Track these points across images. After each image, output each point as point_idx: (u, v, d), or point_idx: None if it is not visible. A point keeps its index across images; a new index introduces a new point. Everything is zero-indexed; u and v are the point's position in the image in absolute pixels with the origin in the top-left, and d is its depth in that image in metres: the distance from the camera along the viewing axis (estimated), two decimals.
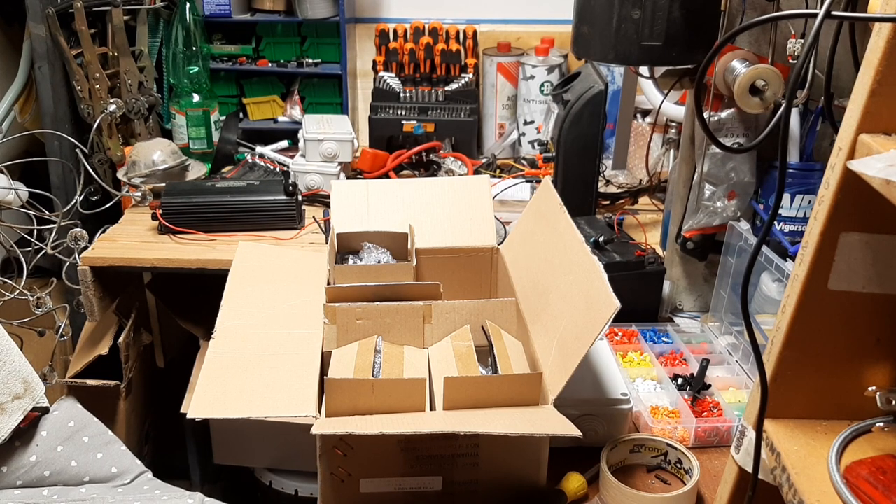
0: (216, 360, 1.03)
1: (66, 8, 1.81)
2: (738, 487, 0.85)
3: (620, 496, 1.02)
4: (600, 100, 1.56)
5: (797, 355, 0.78)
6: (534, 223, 1.23)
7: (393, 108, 2.05)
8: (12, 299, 1.73)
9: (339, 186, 1.39)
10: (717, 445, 1.15)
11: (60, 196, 1.85)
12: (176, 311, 1.82)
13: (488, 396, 0.96)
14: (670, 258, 1.50)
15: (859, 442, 0.78)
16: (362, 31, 2.23)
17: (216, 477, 1.95)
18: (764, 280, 1.26)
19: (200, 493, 1.30)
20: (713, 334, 1.38)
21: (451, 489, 1.00)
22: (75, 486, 1.28)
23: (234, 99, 2.26)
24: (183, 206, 1.67)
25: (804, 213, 1.27)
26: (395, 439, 0.96)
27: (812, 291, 0.75)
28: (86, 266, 1.59)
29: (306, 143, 1.85)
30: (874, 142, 0.66)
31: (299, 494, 1.78)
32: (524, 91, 2.12)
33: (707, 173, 1.35)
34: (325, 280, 1.21)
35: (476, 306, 1.13)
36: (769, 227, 0.93)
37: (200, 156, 2.07)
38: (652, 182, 1.88)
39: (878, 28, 0.66)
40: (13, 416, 1.22)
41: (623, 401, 1.11)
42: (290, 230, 1.70)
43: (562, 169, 1.62)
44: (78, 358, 1.76)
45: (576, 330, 0.97)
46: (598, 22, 1.33)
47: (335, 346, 1.09)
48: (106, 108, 1.88)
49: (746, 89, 1.23)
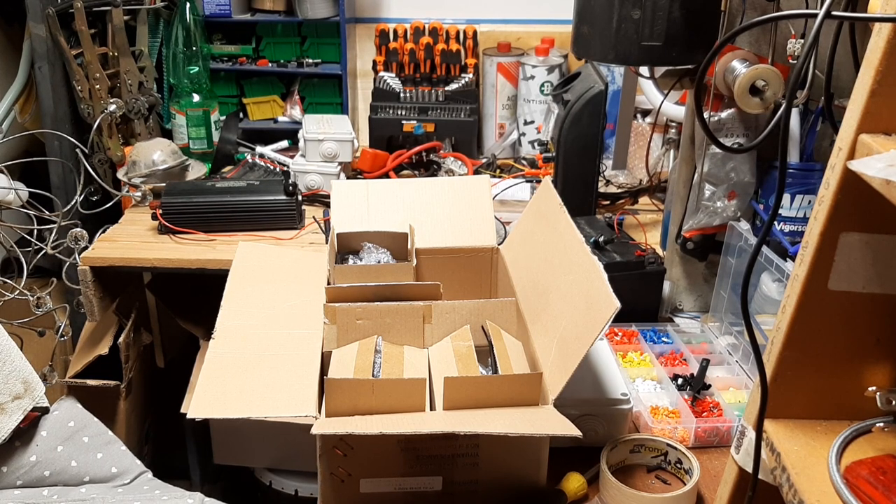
0: (216, 360, 1.03)
1: (66, 8, 1.81)
2: (738, 487, 0.85)
3: (620, 496, 1.02)
4: (600, 100, 1.56)
5: (797, 355, 0.78)
6: (534, 223, 1.23)
7: (393, 108, 2.05)
8: (12, 299, 1.73)
9: (339, 186, 1.39)
10: (717, 445, 1.15)
11: (60, 196, 1.85)
12: (176, 311, 1.82)
13: (488, 396, 0.96)
14: (670, 258, 1.50)
15: (859, 442, 0.78)
16: (362, 31, 2.23)
17: (216, 477, 1.95)
18: (764, 280, 1.26)
19: (200, 493, 1.30)
20: (713, 334, 1.38)
21: (451, 489, 1.00)
22: (75, 486, 1.28)
23: (234, 99, 2.26)
24: (183, 206, 1.67)
25: (804, 213, 1.27)
26: (395, 439, 0.96)
27: (812, 291, 0.75)
28: (86, 266, 1.59)
29: (306, 143, 1.85)
30: (874, 142, 0.66)
31: (299, 494, 1.78)
32: (524, 91, 2.12)
33: (707, 173, 1.35)
34: (325, 280, 1.21)
35: (476, 306, 1.13)
36: (769, 227, 0.93)
37: (200, 156, 2.07)
38: (652, 182, 1.88)
39: (878, 28, 0.66)
40: (13, 416, 1.22)
41: (623, 401, 1.11)
42: (290, 230, 1.70)
43: (562, 169, 1.62)
44: (78, 358, 1.76)
45: (576, 330, 0.97)
46: (598, 22, 1.33)
47: (335, 346, 1.09)
48: (106, 108, 1.88)
49: (746, 89, 1.23)
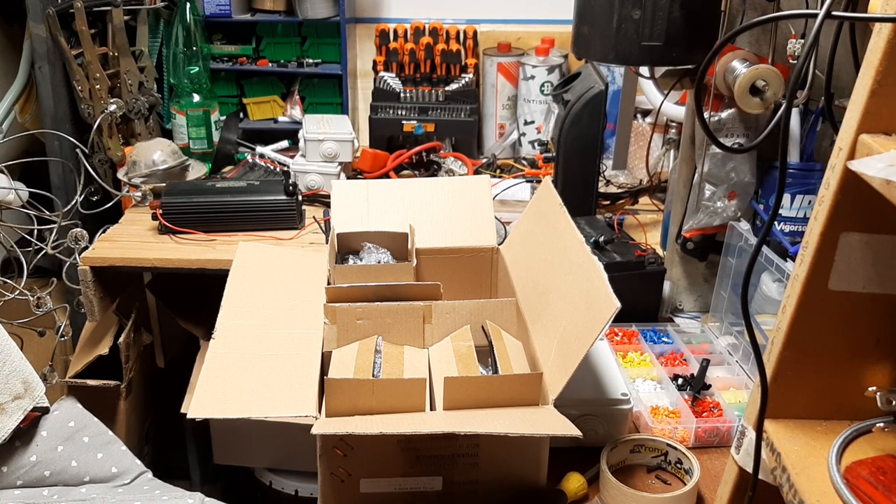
0: (216, 360, 1.03)
1: (67, 8, 1.81)
2: (738, 487, 0.85)
3: (620, 496, 1.02)
4: (600, 100, 1.56)
5: (797, 355, 0.78)
6: (534, 223, 1.23)
7: (393, 108, 2.05)
8: (12, 299, 1.73)
9: (339, 186, 1.39)
10: (718, 445, 1.15)
11: (60, 196, 1.85)
12: (176, 311, 1.82)
13: (488, 396, 0.96)
14: (670, 258, 1.50)
15: (859, 442, 0.78)
16: (362, 31, 2.23)
17: (216, 477, 1.95)
18: (764, 280, 1.26)
19: (200, 493, 1.30)
20: (713, 334, 1.38)
21: (451, 489, 1.00)
22: (75, 486, 1.28)
23: (235, 99, 2.26)
24: (183, 206, 1.67)
25: (804, 213, 1.27)
26: (395, 439, 0.96)
27: (812, 291, 0.75)
28: (86, 266, 1.59)
29: (306, 143, 1.85)
30: (874, 142, 0.66)
31: (299, 494, 1.78)
32: (524, 91, 2.12)
33: (707, 173, 1.35)
34: (325, 280, 1.21)
35: (476, 306, 1.13)
36: (769, 227, 0.93)
37: (200, 156, 2.07)
38: (652, 182, 1.88)
39: (878, 28, 0.66)
40: (13, 416, 1.22)
41: (623, 401, 1.11)
42: (290, 230, 1.70)
43: (562, 169, 1.62)
44: (78, 358, 1.76)
45: (576, 330, 0.97)
46: (598, 22, 1.33)
47: (335, 346, 1.09)
48: (106, 108, 1.88)
49: (746, 89, 1.23)
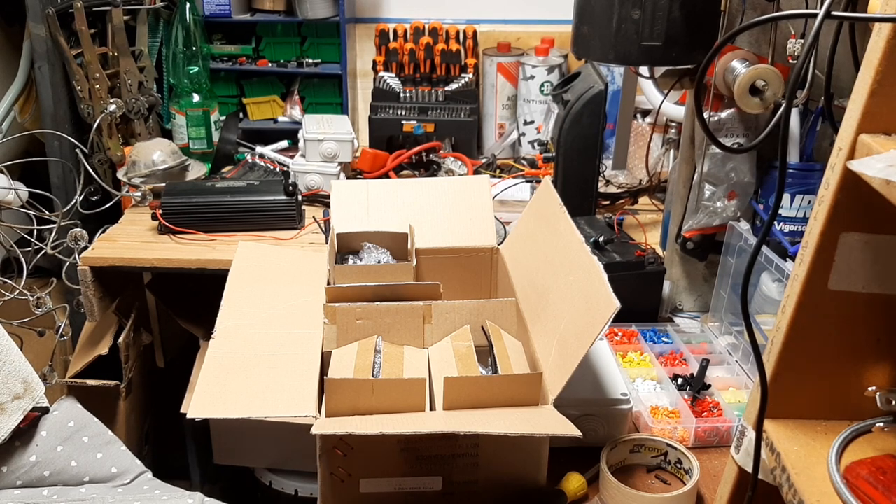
0: (216, 360, 1.03)
1: (66, 8, 1.81)
2: (738, 487, 0.86)
3: (620, 496, 1.02)
4: (600, 100, 1.56)
5: (797, 355, 0.78)
6: (534, 223, 1.23)
7: (393, 108, 2.05)
8: (12, 299, 1.73)
9: (339, 186, 1.39)
10: (717, 445, 1.15)
11: (60, 196, 1.85)
12: (176, 311, 1.82)
13: (488, 396, 0.96)
14: (670, 258, 1.50)
15: (859, 442, 0.78)
16: (362, 31, 2.23)
17: (216, 477, 1.95)
18: (764, 280, 1.26)
19: (200, 493, 1.30)
20: (713, 334, 1.38)
21: (451, 489, 1.00)
22: (75, 486, 1.28)
23: (234, 99, 2.26)
24: (183, 206, 1.67)
25: (804, 213, 1.27)
26: (395, 439, 0.96)
27: (812, 291, 0.75)
28: (86, 266, 1.59)
29: (306, 143, 1.85)
30: (874, 142, 0.66)
31: (299, 494, 1.78)
32: (524, 91, 2.12)
33: (707, 173, 1.35)
34: (325, 280, 1.21)
35: (476, 306, 1.13)
36: (769, 227, 0.93)
37: (200, 156, 2.07)
38: (652, 182, 1.88)
39: (878, 28, 0.66)
40: (13, 416, 1.22)
41: (623, 401, 1.11)
42: (290, 230, 1.70)
43: (562, 169, 1.62)
44: (78, 358, 1.76)
45: (576, 330, 0.97)
46: (598, 22, 1.33)
47: (335, 346, 1.09)
48: (106, 108, 1.88)
49: (746, 89, 1.23)
